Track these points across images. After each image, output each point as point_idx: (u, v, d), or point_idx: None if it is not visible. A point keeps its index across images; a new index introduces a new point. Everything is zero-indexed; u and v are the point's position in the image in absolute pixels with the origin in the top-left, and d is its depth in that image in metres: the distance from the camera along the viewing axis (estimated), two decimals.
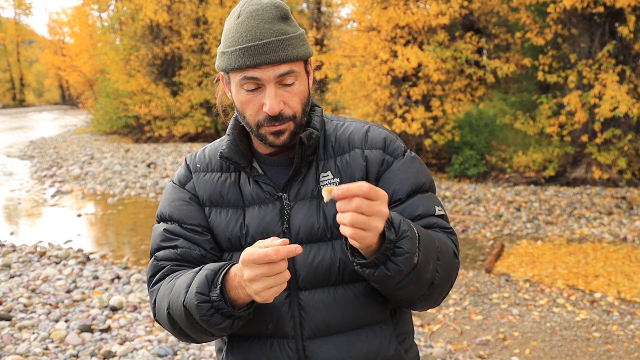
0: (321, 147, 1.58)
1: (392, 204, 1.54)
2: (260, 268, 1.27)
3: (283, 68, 1.44)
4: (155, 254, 1.60)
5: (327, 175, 1.55)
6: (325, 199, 1.27)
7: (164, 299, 1.50)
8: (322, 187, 1.50)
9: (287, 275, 1.30)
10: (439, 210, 1.57)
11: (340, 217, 1.25)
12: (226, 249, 1.59)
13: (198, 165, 1.66)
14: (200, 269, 1.45)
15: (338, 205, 1.24)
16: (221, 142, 1.65)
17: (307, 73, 1.54)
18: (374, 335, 1.54)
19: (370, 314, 1.53)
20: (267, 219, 1.54)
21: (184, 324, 1.45)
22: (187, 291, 1.41)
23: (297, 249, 1.26)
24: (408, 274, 1.35)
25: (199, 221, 1.60)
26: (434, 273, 1.42)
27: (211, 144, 1.73)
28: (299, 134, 1.52)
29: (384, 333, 1.55)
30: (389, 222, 1.33)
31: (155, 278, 1.58)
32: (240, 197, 1.59)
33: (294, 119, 1.49)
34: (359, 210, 1.22)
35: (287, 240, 1.28)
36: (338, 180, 1.54)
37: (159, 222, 1.65)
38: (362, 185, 1.22)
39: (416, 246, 1.34)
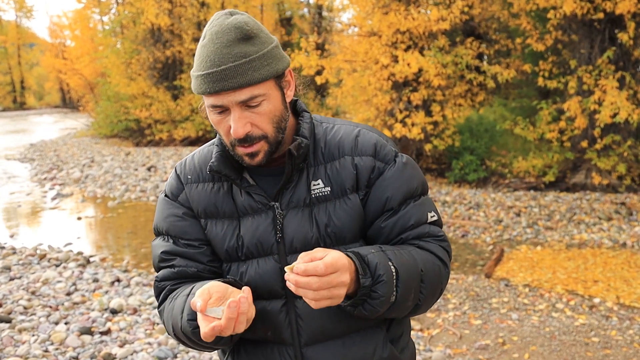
0: (311, 152, 1.57)
1: (385, 212, 1.55)
2: None
3: (245, 93, 1.41)
4: (156, 275, 1.65)
5: (318, 184, 1.54)
6: (288, 274, 1.31)
7: (168, 321, 1.55)
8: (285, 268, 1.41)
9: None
10: (431, 216, 1.59)
11: (302, 293, 1.29)
12: (224, 260, 1.60)
13: (189, 177, 1.65)
14: (190, 291, 1.49)
15: (302, 282, 1.28)
16: (210, 148, 1.65)
17: (282, 87, 1.50)
18: (369, 338, 1.56)
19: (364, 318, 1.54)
20: (261, 229, 1.55)
21: (192, 345, 1.52)
22: (182, 317, 1.47)
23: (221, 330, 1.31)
24: (388, 309, 1.42)
25: (196, 235, 1.61)
26: (417, 299, 1.47)
27: (200, 149, 1.71)
28: (275, 152, 1.52)
29: (379, 335, 1.58)
30: (365, 265, 1.37)
31: (159, 299, 1.64)
32: (234, 207, 1.58)
33: (265, 138, 1.48)
34: (319, 289, 1.28)
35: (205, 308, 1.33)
36: (329, 189, 1.54)
37: (156, 235, 1.67)
38: (318, 267, 1.27)
39: (393, 287, 1.39)
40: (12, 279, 6.75)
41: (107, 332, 5.12)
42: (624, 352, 4.86)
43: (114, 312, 5.59)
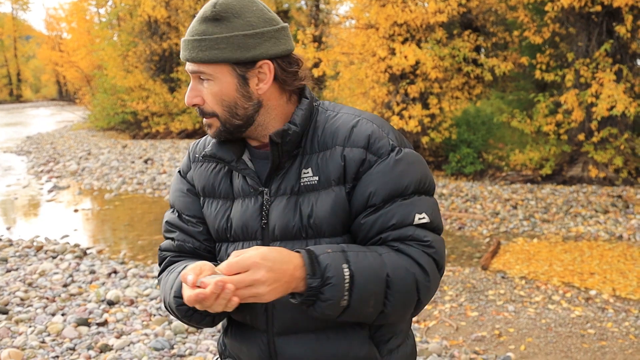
0: (309, 140, 1.54)
1: (367, 208, 1.48)
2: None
3: (194, 66, 1.49)
4: (160, 244, 1.72)
5: (308, 173, 1.51)
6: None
7: (162, 293, 1.61)
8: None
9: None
10: (420, 218, 1.47)
11: (234, 303, 1.30)
12: (215, 239, 1.64)
13: (197, 156, 1.69)
14: (183, 269, 1.49)
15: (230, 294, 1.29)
16: None
17: (244, 76, 1.49)
18: (344, 335, 1.52)
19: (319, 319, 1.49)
20: (248, 213, 1.56)
21: (181, 319, 1.56)
22: (170, 292, 1.52)
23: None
24: (342, 312, 1.39)
25: (194, 212, 1.66)
26: (380, 305, 1.40)
27: None
28: (234, 134, 1.54)
29: (357, 334, 1.52)
30: (317, 265, 1.35)
31: (160, 267, 1.69)
32: (230, 189, 1.61)
33: (216, 116, 1.51)
34: (238, 287, 1.28)
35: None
36: (317, 179, 1.50)
37: (170, 207, 1.76)
38: (223, 268, 1.29)
39: (343, 291, 1.35)
40: (8, 271, 6.74)
41: (104, 323, 5.12)
42: (619, 343, 4.88)
43: (111, 303, 5.59)
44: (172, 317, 5.21)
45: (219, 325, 1.72)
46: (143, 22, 22.52)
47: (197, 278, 1.31)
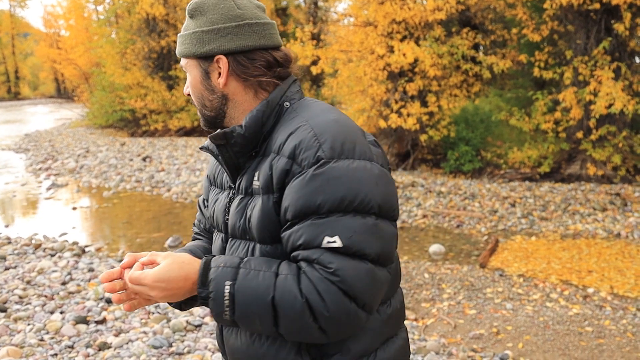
0: (269, 142, 1.53)
1: (286, 223, 1.43)
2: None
3: (180, 61, 1.64)
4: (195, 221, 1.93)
5: (256, 176, 1.52)
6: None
7: None
8: None
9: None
10: (329, 242, 1.34)
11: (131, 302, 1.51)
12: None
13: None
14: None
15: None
16: None
17: (206, 70, 1.56)
18: (274, 339, 1.51)
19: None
20: (219, 207, 1.66)
21: None
22: None
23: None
24: (234, 324, 1.45)
25: (207, 197, 1.83)
26: (270, 326, 1.39)
27: None
28: (209, 122, 1.63)
29: (287, 341, 1.49)
30: (206, 279, 1.42)
31: None
32: (223, 180, 1.71)
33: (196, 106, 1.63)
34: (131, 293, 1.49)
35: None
36: (259, 183, 1.50)
37: None
38: (127, 276, 1.46)
39: (223, 307, 1.40)
40: (7, 269, 6.74)
41: (103, 321, 5.12)
42: (617, 341, 4.89)
43: (109, 301, 5.59)
44: (170, 315, 5.23)
45: None
46: (141, 20, 22.49)
47: (129, 264, 1.48)
